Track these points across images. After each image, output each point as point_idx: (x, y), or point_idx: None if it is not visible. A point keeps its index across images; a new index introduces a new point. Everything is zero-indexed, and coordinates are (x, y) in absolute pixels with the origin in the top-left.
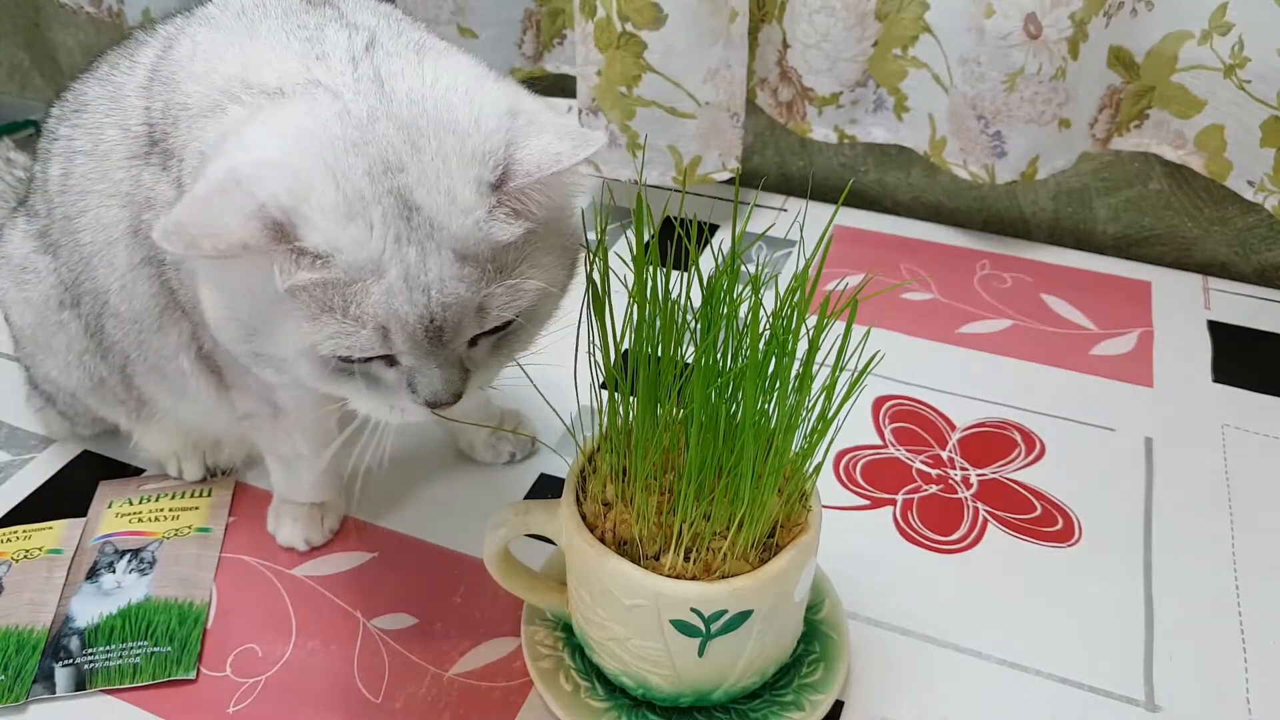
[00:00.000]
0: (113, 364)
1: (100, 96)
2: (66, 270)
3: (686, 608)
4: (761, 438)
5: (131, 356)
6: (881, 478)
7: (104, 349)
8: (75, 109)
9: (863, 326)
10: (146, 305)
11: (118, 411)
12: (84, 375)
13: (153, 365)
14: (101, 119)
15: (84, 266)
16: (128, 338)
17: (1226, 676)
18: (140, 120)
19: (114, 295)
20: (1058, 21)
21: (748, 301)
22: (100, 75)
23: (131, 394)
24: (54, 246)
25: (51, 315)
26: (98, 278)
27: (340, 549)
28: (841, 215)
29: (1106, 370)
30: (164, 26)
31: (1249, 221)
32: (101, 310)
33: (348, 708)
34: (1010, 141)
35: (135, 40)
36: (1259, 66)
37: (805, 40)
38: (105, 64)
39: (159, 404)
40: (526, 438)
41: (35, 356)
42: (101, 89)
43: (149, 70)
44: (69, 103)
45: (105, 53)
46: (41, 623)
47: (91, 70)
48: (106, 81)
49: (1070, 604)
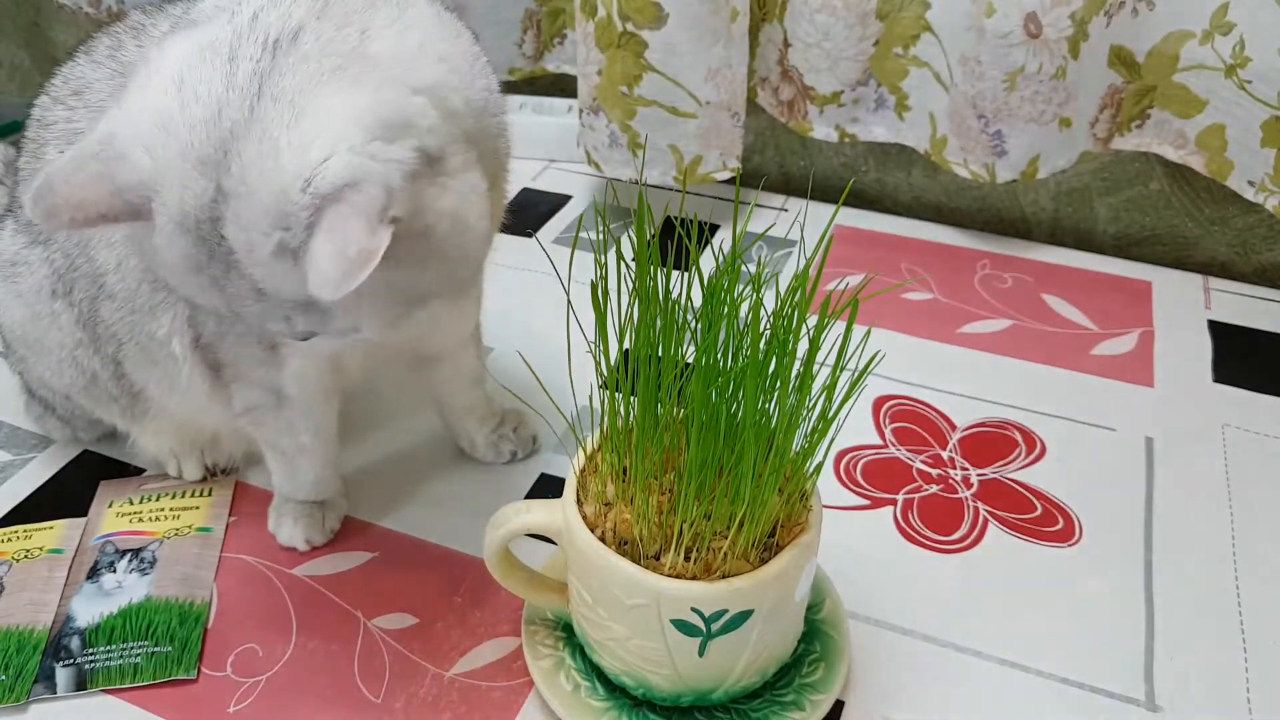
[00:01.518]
0: (105, 355)
1: (103, 78)
2: (61, 256)
3: (687, 607)
4: (762, 437)
5: (125, 343)
6: (882, 477)
7: (96, 339)
8: (73, 92)
9: (863, 326)
10: (139, 283)
11: (111, 410)
12: (76, 372)
13: (145, 351)
14: (106, 99)
15: (80, 250)
16: (122, 321)
17: (1226, 676)
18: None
19: (111, 275)
20: (1058, 21)
21: (748, 301)
22: (99, 58)
23: (124, 388)
24: (47, 234)
25: (44, 306)
26: (97, 259)
27: (340, 549)
28: (842, 215)
29: (1107, 370)
30: (172, 8)
31: (1249, 221)
32: (97, 294)
33: (348, 708)
34: (1011, 141)
35: (137, 23)
36: (1260, 66)
37: (806, 39)
38: (103, 46)
39: (151, 397)
40: (528, 436)
41: (27, 360)
42: (102, 70)
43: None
44: (61, 87)
45: (98, 35)
46: (42, 623)
47: (88, 53)
48: (108, 63)
49: (1070, 604)
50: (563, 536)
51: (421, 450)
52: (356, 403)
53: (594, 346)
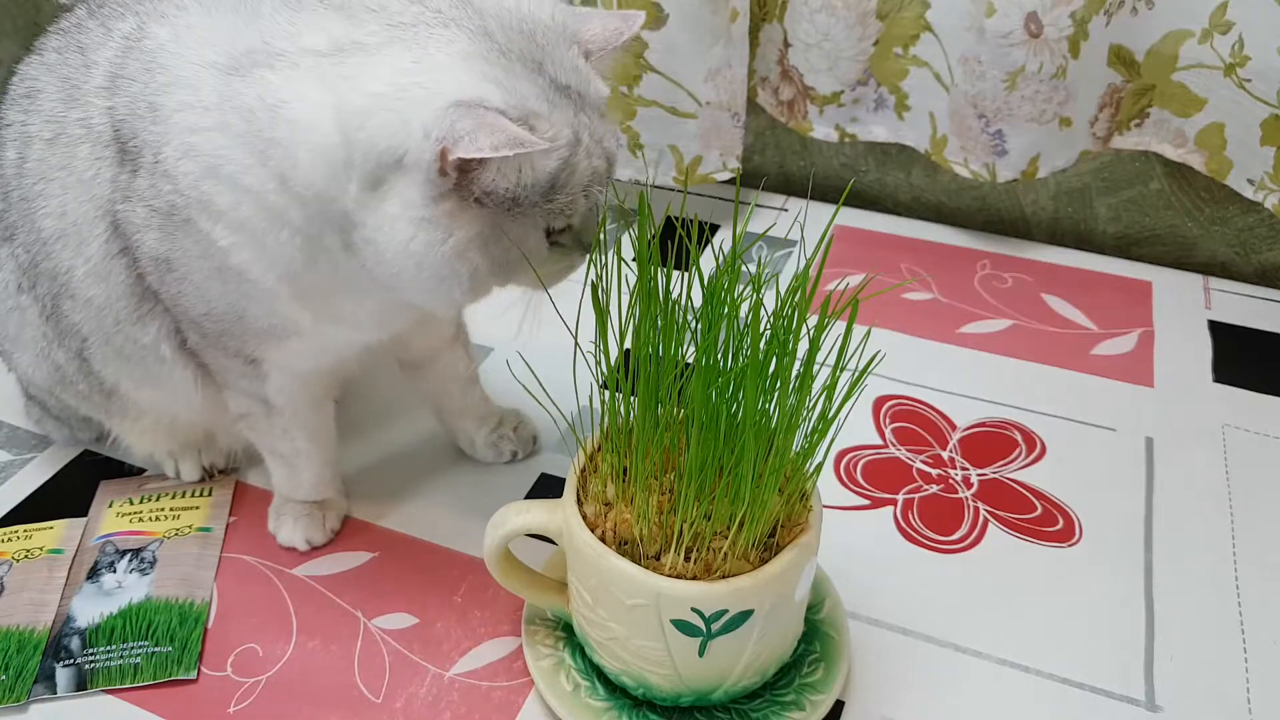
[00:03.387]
0: (69, 348)
1: (54, 84)
2: (23, 252)
3: (687, 607)
4: (762, 437)
5: (89, 338)
6: (882, 477)
7: (60, 333)
8: (25, 94)
9: (863, 326)
10: (122, 294)
11: (85, 405)
12: (50, 367)
13: (118, 350)
14: (61, 107)
15: (41, 248)
16: (88, 321)
17: (1226, 676)
18: (103, 118)
19: (79, 278)
20: (1058, 20)
21: (748, 301)
22: (49, 61)
23: (92, 384)
24: (10, 229)
25: (10, 300)
26: (59, 259)
27: (340, 549)
28: (842, 215)
29: (1107, 370)
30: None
31: (1249, 221)
32: (59, 292)
33: (348, 708)
34: (1011, 140)
35: (76, 27)
36: (1259, 65)
37: (806, 39)
38: (50, 50)
39: (125, 393)
40: (528, 436)
41: (12, 355)
42: (51, 76)
43: (109, 69)
44: (16, 86)
45: (45, 35)
46: (42, 623)
47: (40, 55)
48: (57, 68)
49: (1070, 604)
50: (563, 537)
51: (421, 450)
52: (356, 403)
53: (594, 346)
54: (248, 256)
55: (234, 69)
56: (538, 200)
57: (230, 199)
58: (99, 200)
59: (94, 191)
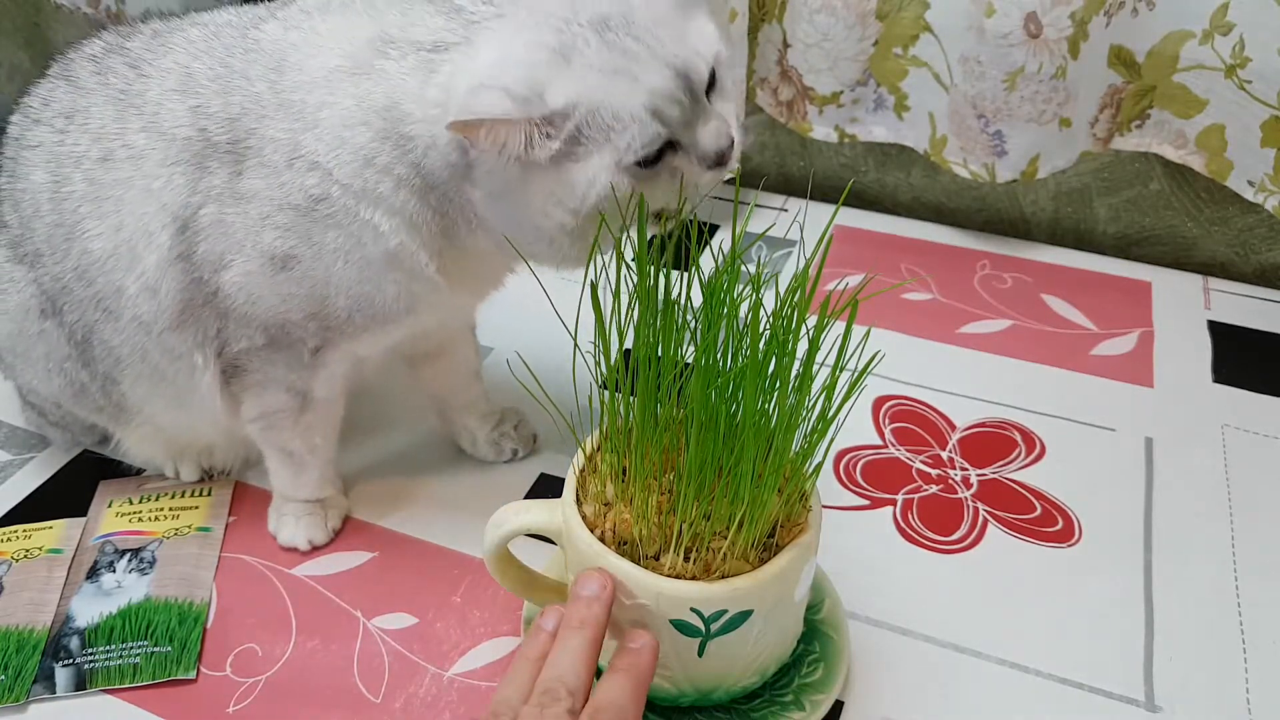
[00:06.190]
0: (95, 371)
1: (98, 103)
2: (50, 280)
3: (686, 607)
4: (761, 438)
5: (126, 362)
6: (881, 478)
7: (88, 357)
8: (59, 115)
9: (863, 326)
10: (169, 304)
11: (97, 416)
12: (65, 382)
13: (154, 367)
14: (112, 124)
15: (78, 275)
16: (128, 343)
17: (1226, 676)
18: (187, 119)
19: (130, 296)
20: (1058, 21)
21: (748, 301)
22: (85, 85)
23: (111, 400)
24: (34, 256)
25: (31, 325)
26: (109, 279)
27: (340, 549)
28: (841, 215)
29: (1106, 370)
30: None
31: (1249, 221)
32: (100, 317)
33: (348, 708)
34: (1010, 140)
35: (114, 44)
36: (1259, 66)
37: (806, 39)
38: (83, 69)
39: (141, 410)
40: (528, 435)
41: (15, 367)
42: (94, 96)
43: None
44: (40, 110)
45: (69, 58)
46: (42, 622)
47: (69, 79)
48: (100, 89)
49: (1070, 604)
50: (562, 536)
51: (421, 450)
52: (357, 403)
53: (594, 346)
54: (405, 238)
55: (358, 69)
56: (589, 146)
57: (389, 186)
58: (170, 208)
59: (164, 200)
